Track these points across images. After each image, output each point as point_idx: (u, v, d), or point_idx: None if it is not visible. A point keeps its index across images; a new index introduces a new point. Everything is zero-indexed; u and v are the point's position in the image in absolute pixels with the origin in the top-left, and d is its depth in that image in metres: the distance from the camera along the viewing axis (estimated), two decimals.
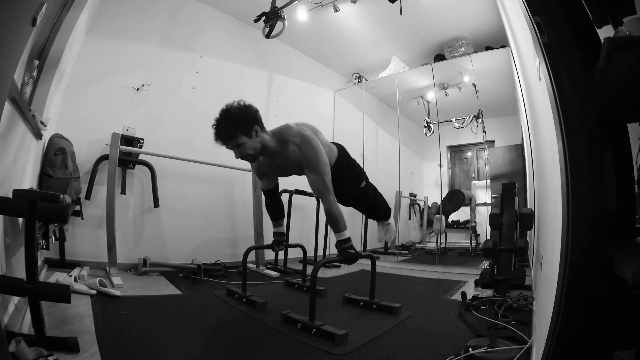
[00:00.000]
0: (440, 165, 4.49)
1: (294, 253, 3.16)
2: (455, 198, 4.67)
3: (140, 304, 1.87)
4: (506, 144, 4.25)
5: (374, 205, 2.13)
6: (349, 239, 1.72)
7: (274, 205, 2.10)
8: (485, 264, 3.21)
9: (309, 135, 1.70)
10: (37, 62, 1.74)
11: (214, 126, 1.60)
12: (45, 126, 1.85)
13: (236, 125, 1.57)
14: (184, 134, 3.18)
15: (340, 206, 1.79)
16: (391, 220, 2.26)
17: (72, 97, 2.49)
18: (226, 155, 3.34)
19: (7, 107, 1.21)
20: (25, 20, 0.99)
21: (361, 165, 2.15)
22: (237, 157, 1.67)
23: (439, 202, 5.06)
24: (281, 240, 2.16)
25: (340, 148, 1.98)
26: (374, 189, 2.12)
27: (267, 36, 3.03)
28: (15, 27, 0.91)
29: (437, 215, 4.58)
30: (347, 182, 1.90)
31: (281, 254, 3.31)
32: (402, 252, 4.61)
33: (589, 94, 0.69)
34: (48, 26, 1.84)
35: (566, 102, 0.73)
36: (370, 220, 4.67)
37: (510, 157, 4.10)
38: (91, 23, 2.58)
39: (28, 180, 1.69)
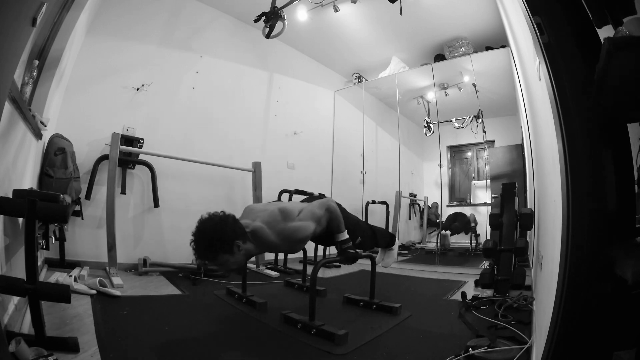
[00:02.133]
0: (440, 165, 4.49)
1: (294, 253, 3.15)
2: (460, 220, 4.71)
3: (140, 304, 1.87)
4: (506, 144, 4.25)
5: (375, 244, 2.18)
6: (348, 240, 1.73)
7: None
8: (485, 264, 3.21)
9: (288, 233, 1.59)
10: (37, 62, 1.74)
11: (192, 246, 1.44)
12: (45, 126, 1.85)
13: (214, 247, 1.42)
14: (184, 134, 3.18)
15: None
16: (395, 247, 2.29)
17: (72, 97, 2.49)
18: (226, 155, 3.37)
19: (7, 107, 1.21)
20: (25, 20, 0.99)
21: (356, 216, 2.05)
22: (221, 272, 1.55)
23: (439, 202, 5.07)
24: None
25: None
26: (371, 231, 2.11)
27: (267, 36, 3.03)
28: (15, 27, 0.91)
29: (443, 232, 4.63)
30: None
31: (281, 254, 3.31)
32: (402, 252, 4.61)
33: (589, 94, 0.69)
34: (48, 26, 1.84)
35: (566, 102, 0.73)
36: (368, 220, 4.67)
37: (510, 157, 4.10)
38: (91, 23, 2.58)
39: (28, 180, 1.69)
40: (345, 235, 1.72)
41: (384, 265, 2.33)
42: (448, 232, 4.64)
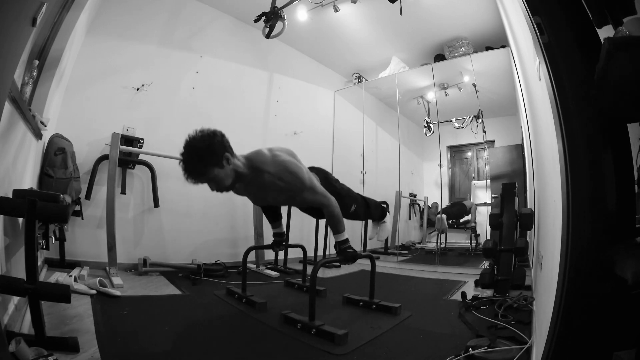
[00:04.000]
0: (440, 165, 4.49)
1: (294, 253, 3.16)
2: (457, 208, 4.70)
3: (140, 304, 1.87)
4: (506, 144, 4.25)
5: (368, 215, 2.17)
6: (347, 240, 1.73)
7: (269, 210, 2.14)
8: (485, 264, 3.21)
9: (282, 160, 1.58)
10: (37, 62, 1.74)
11: (181, 163, 1.43)
12: (45, 126, 1.85)
13: (203, 158, 1.42)
14: (184, 134, 3.15)
15: None
16: (387, 219, 2.26)
17: (72, 97, 2.49)
18: None
19: (7, 107, 1.21)
20: (25, 20, 0.99)
21: (348, 187, 2.03)
22: (212, 190, 1.50)
23: (439, 202, 5.06)
24: (281, 241, 2.17)
25: (321, 175, 1.86)
26: (364, 202, 2.10)
27: (267, 36, 3.03)
28: (15, 27, 0.91)
29: (439, 216, 4.59)
30: None
31: (281, 254, 3.31)
32: (402, 252, 4.61)
33: (589, 94, 0.69)
34: (48, 26, 1.84)
35: (566, 102, 0.73)
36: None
37: (510, 157, 4.10)
38: (91, 23, 2.58)
39: (28, 180, 1.69)
40: (344, 236, 1.72)
41: (379, 239, 2.29)
42: (444, 215, 4.62)
